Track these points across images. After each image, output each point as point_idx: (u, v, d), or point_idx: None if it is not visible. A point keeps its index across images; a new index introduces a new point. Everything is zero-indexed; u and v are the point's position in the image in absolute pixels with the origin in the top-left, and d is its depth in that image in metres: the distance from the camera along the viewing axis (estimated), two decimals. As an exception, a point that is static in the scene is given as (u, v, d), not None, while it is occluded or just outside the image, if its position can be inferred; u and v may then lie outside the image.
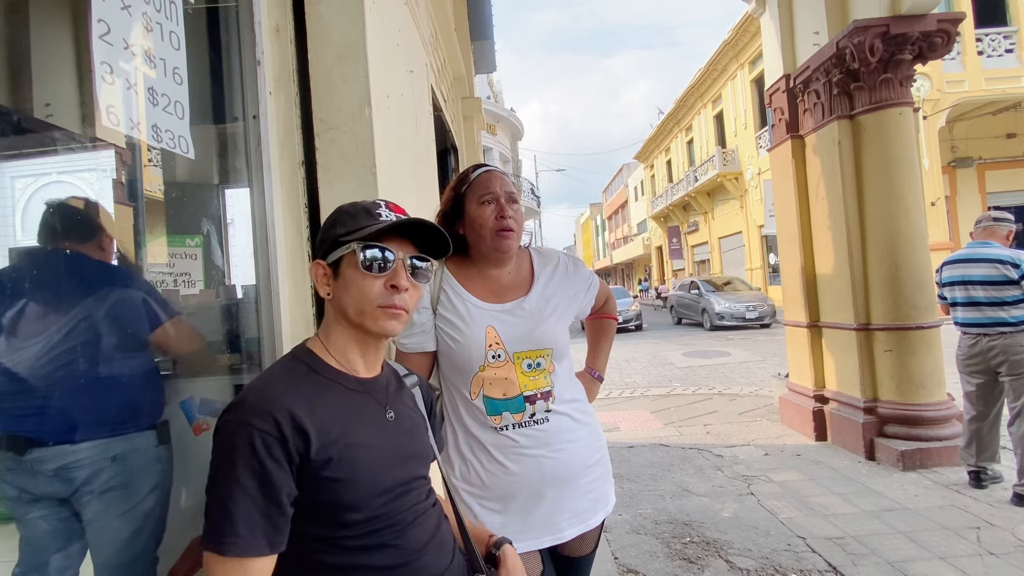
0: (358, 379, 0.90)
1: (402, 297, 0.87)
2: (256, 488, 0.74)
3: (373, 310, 0.86)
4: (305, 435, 0.77)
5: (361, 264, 0.85)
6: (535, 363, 1.28)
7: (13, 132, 1.37)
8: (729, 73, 19.86)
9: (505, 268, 1.35)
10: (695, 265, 26.61)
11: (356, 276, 0.86)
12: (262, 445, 0.74)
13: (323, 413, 0.81)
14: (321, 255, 0.91)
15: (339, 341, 0.90)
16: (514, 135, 24.31)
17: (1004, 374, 3.15)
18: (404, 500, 0.89)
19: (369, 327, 0.87)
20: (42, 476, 1.14)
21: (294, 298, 1.43)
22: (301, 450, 0.77)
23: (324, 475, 0.79)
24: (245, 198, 1.42)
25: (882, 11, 3.92)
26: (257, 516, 0.74)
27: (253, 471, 0.74)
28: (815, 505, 3.25)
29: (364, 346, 0.91)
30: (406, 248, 0.90)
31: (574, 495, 1.31)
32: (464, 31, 5.41)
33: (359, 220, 0.88)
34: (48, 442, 1.13)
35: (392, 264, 0.87)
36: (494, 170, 1.35)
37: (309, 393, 0.82)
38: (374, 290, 0.86)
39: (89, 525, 1.19)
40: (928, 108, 12.30)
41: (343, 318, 0.89)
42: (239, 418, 0.76)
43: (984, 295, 3.19)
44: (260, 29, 1.37)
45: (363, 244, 0.85)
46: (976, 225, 3.41)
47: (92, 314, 1.21)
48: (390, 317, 0.87)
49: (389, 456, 0.88)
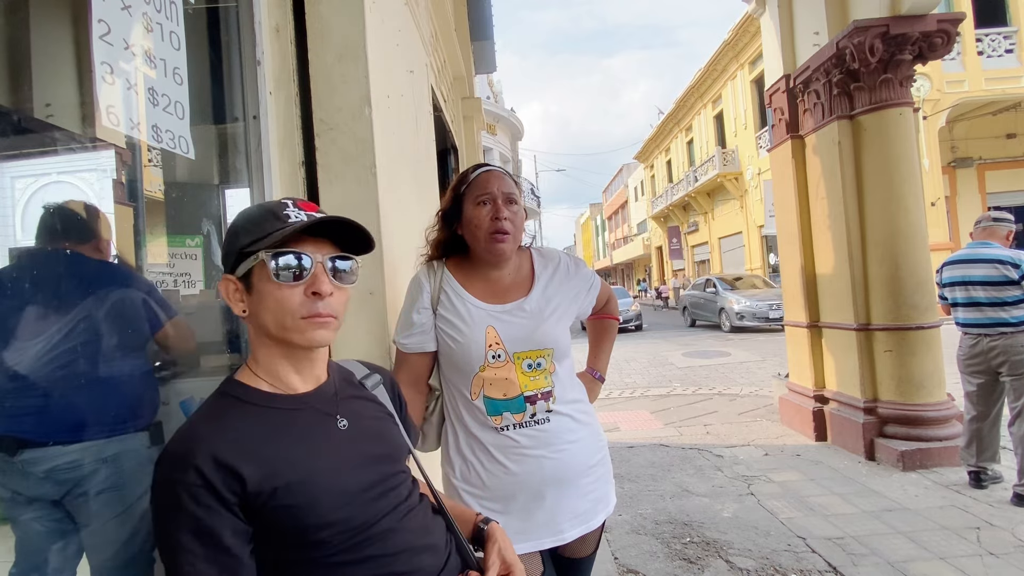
0: (295, 396, 0.84)
1: (327, 303, 0.79)
2: (194, 542, 0.70)
3: (296, 322, 0.78)
4: (236, 474, 0.72)
5: (274, 274, 0.77)
6: (535, 363, 1.28)
7: (13, 132, 1.37)
8: (729, 73, 19.86)
9: (505, 269, 1.34)
10: (695, 265, 26.61)
11: (271, 288, 0.78)
12: (189, 498, 0.70)
13: (257, 445, 0.76)
14: (228, 270, 0.82)
15: (267, 361, 0.83)
16: (514, 135, 24.31)
17: (1005, 374, 3.15)
18: (380, 504, 0.84)
19: (296, 340, 0.80)
20: (34, 477, 1.13)
21: (294, 298, 1.43)
22: (236, 489, 0.72)
23: (276, 504, 0.74)
24: (245, 198, 1.42)
25: (882, 11, 3.92)
26: (204, 566, 0.70)
27: (187, 526, 0.70)
28: (815, 505, 3.25)
29: (295, 360, 0.84)
30: (324, 248, 0.81)
31: (575, 496, 1.30)
32: (464, 31, 5.41)
33: (264, 226, 0.79)
34: (39, 443, 1.12)
35: (310, 269, 0.78)
36: (494, 170, 1.33)
37: (238, 428, 0.77)
38: (293, 301, 0.78)
39: (84, 527, 1.19)
40: (928, 108, 12.30)
41: (265, 336, 0.82)
42: (162, 475, 0.72)
43: (985, 295, 3.19)
44: (260, 29, 1.37)
45: (272, 252, 0.77)
46: (976, 225, 3.40)
47: (87, 314, 1.21)
48: (317, 327, 0.79)
49: (348, 465, 0.82)
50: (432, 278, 1.32)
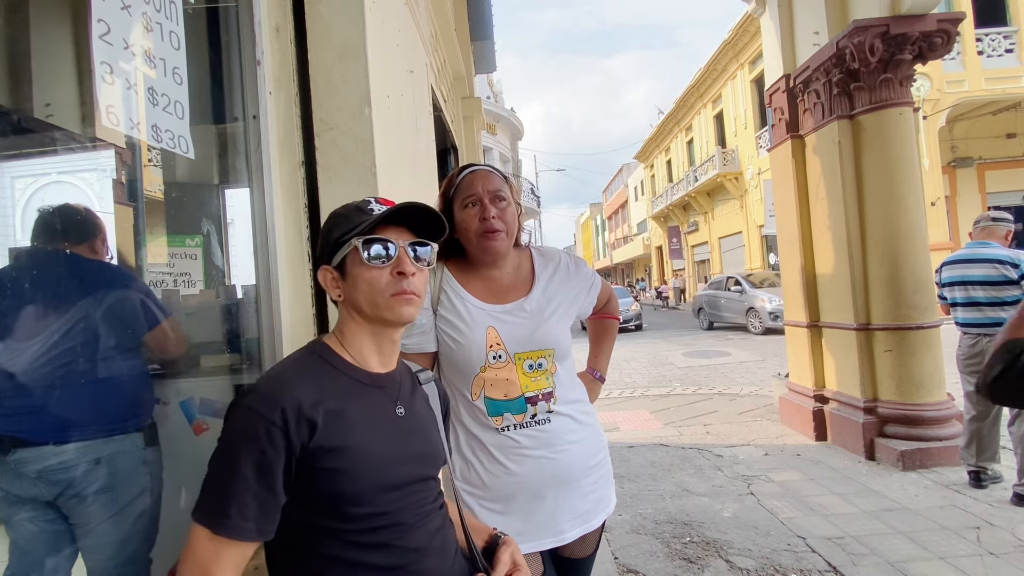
0: (370, 374, 0.92)
1: (411, 282, 0.89)
2: (253, 473, 0.76)
3: (386, 300, 0.88)
4: (311, 425, 0.79)
5: (365, 259, 0.88)
6: (536, 364, 1.27)
7: (13, 132, 1.37)
8: (729, 73, 19.85)
9: (504, 268, 1.34)
10: (695, 265, 26.60)
11: (362, 271, 0.88)
12: (265, 433, 0.76)
13: (331, 405, 0.83)
14: (325, 261, 0.93)
15: (354, 338, 0.92)
16: (514, 135, 24.31)
17: None
18: (410, 500, 0.89)
19: (386, 317, 0.90)
20: (26, 478, 1.12)
21: (294, 298, 1.43)
22: (304, 440, 0.79)
23: (327, 465, 0.80)
24: (245, 198, 1.42)
25: (882, 11, 3.92)
26: (249, 500, 0.75)
27: (253, 457, 0.76)
28: (815, 505, 3.25)
29: (380, 339, 0.93)
30: (404, 236, 0.92)
31: (575, 496, 1.30)
32: (464, 31, 5.41)
33: (353, 219, 0.90)
34: (32, 442, 1.12)
35: (394, 253, 0.89)
36: (479, 170, 1.32)
37: (320, 384, 0.85)
38: (382, 280, 0.88)
39: (77, 528, 1.18)
40: (928, 108, 12.29)
41: (358, 314, 0.92)
42: (248, 404, 0.79)
43: (984, 295, 3.20)
44: (260, 29, 1.37)
45: (363, 239, 0.88)
46: (975, 225, 3.41)
47: (81, 315, 1.20)
48: (404, 303, 0.89)
49: (396, 452, 0.88)
50: (432, 278, 1.32)
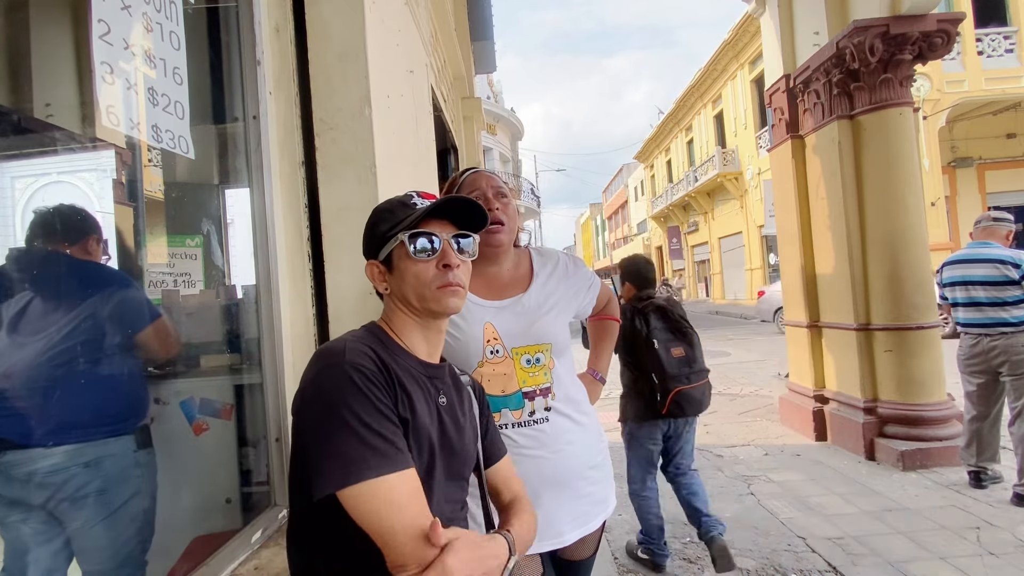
0: (421, 362, 0.94)
1: (455, 274, 0.91)
2: (374, 414, 0.77)
3: (433, 292, 0.90)
4: (391, 384, 0.82)
5: (412, 252, 0.89)
6: (534, 359, 1.28)
7: (13, 132, 1.37)
8: (729, 73, 19.85)
9: (503, 265, 1.35)
10: (695, 265, 26.59)
11: (409, 265, 0.90)
12: (363, 379, 0.78)
13: (400, 376, 0.85)
14: (372, 255, 0.95)
15: (404, 328, 0.94)
16: (514, 135, 24.30)
17: (1005, 374, 3.15)
18: (448, 489, 0.89)
19: (434, 308, 0.91)
20: (16, 480, 1.11)
21: (294, 298, 1.43)
22: (392, 398, 0.82)
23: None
24: (245, 198, 1.41)
25: (882, 11, 3.92)
26: (385, 436, 0.76)
27: (365, 399, 0.77)
28: (815, 505, 3.25)
29: (427, 330, 0.95)
30: (447, 228, 0.93)
31: (573, 497, 1.30)
32: (464, 31, 5.41)
33: (397, 214, 0.92)
34: (21, 445, 1.11)
35: (439, 247, 0.91)
36: (481, 171, 1.37)
37: (385, 355, 0.87)
38: (429, 273, 0.90)
39: (70, 531, 1.17)
40: (928, 108, 12.28)
41: (405, 307, 0.93)
42: (327, 363, 0.80)
43: (985, 295, 3.20)
44: (260, 29, 1.37)
45: (409, 233, 0.89)
46: (976, 225, 3.41)
47: (72, 316, 1.19)
48: (451, 294, 0.91)
49: (439, 439, 0.89)
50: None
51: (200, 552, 1.19)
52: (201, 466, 1.57)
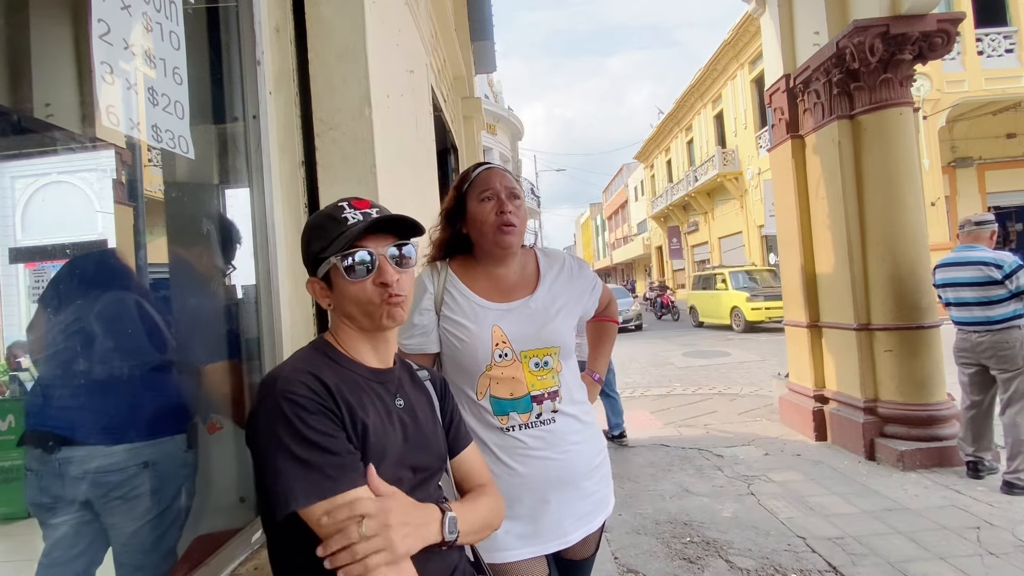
0: (370, 369, 0.94)
1: (396, 286, 0.90)
2: (302, 443, 0.78)
3: (376, 308, 0.89)
4: (338, 404, 0.82)
5: (346, 275, 0.88)
6: (543, 362, 1.27)
7: (13, 132, 1.37)
8: (729, 73, 19.85)
9: (510, 267, 1.34)
10: (695, 265, 26.58)
11: (346, 285, 0.89)
12: (307, 402, 0.80)
13: (346, 391, 0.85)
14: (311, 272, 0.94)
15: (348, 339, 0.94)
16: (514, 135, 24.28)
17: (993, 368, 3.30)
18: (417, 493, 0.88)
19: (380, 323, 0.91)
20: (68, 477, 1.10)
21: (294, 298, 1.43)
22: (341, 415, 0.82)
23: (360, 442, 0.83)
24: (245, 198, 1.42)
25: (882, 11, 3.92)
26: (312, 463, 0.77)
27: (294, 430, 0.78)
28: (815, 505, 3.25)
29: (374, 340, 0.95)
30: (384, 240, 0.91)
31: (577, 497, 1.30)
32: (464, 31, 5.41)
33: (329, 231, 0.89)
34: (81, 442, 1.10)
35: (375, 263, 0.89)
36: (495, 167, 1.34)
37: (331, 372, 0.87)
38: (367, 292, 0.89)
39: (111, 528, 1.16)
40: (928, 108, 12.28)
41: (351, 320, 0.93)
42: (276, 391, 0.80)
43: (972, 295, 3.35)
44: (260, 29, 1.37)
45: (340, 256, 0.87)
46: (960, 230, 3.57)
47: (162, 322, 1.20)
48: (393, 306, 0.90)
49: (396, 442, 0.89)
50: (436, 279, 1.32)
51: (201, 552, 1.20)
52: (215, 465, 1.57)
